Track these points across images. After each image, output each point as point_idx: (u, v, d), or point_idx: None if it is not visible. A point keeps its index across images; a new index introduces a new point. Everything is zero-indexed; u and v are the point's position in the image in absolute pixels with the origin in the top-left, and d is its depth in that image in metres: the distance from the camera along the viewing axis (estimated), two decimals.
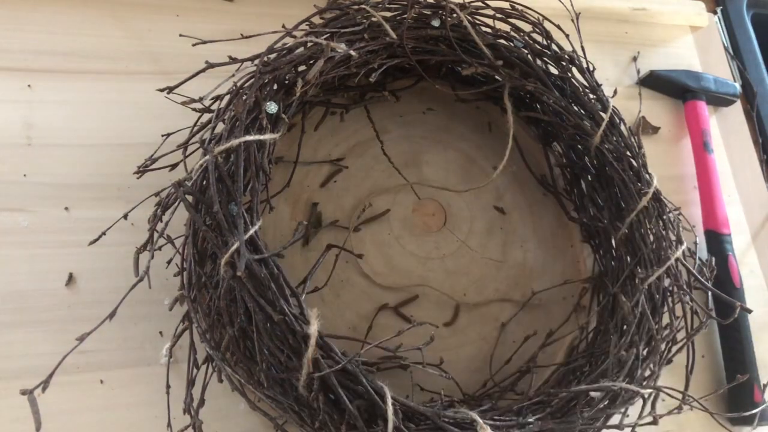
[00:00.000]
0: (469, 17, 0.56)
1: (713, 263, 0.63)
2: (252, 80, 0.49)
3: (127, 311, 0.47)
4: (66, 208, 0.51)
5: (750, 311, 0.57)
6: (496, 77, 0.58)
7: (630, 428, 0.50)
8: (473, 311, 0.58)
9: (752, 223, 0.72)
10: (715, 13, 0.83)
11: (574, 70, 0.60)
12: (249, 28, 0.54)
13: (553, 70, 0.60)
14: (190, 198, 0.45)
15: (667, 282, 0.53)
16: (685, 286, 0.54)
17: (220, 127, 0.48)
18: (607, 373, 0.49)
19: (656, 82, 0.74)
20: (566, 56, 0.59)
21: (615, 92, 0.63)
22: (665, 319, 0.53)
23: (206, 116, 0.51)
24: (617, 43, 0.76)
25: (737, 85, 0.77)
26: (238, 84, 0.50)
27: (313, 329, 0.40)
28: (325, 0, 0.63)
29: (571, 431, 0.47)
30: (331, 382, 0.40)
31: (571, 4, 0.62)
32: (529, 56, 0.58)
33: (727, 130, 0.76)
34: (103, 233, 0.48)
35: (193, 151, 0.50)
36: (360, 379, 0.41)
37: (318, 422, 0.42)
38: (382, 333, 0.54)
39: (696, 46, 0.80)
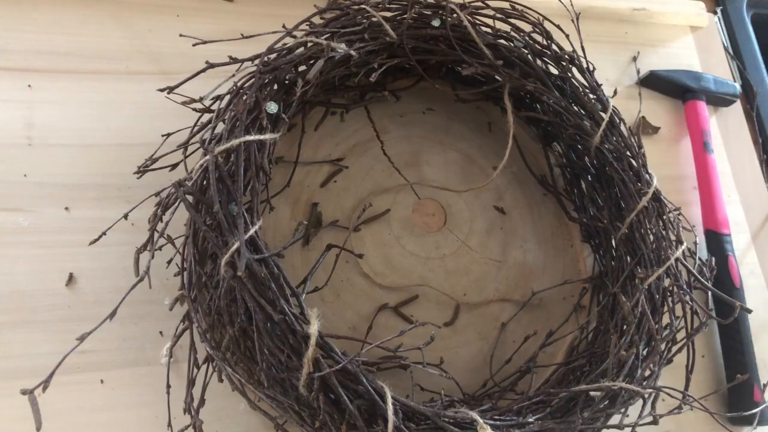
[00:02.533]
0: (469, 17, 0.56)
1: (713, 263, 0.63)
2: (252, 80, 0.49)
3: (127, 311, 0.47)
4: (66, 208, 0.51)
5: (750, 311, 0.57)
6: (496, 77, 0.58)
7: (630, 428, 0.50)
8: (473, 311, 0.58)
9: (752, 223, 0.72)
10: (715, 13, 0.83)
11: (574, 70, 0.60)
12: (249, 28, 0.54)
13: (553, 70, 0.60)
14: (190, 198, 0.45)
15: (667, 282, 0.53)
16: (685, 286, 0.54)
17: (221, 127, 0.48)
18: (607, 373, 0.49)
19: (656, 82, 0.74)
20: (566, 56, 0.59)
21: (615, 92, 0.63)
22: (665, 319, 0.53)
23: (206, 116, 0.51)
24: (617, 43, 0.76)
25: (737, 85, 0.77)
26: (238, 84, 0.50)
27: (314, 329, 0.40)
28: (325, 0, 0.63)
29: (571, 431, 0.47)
30: (332, 381, 0.40)
31: (571, 4, 0.62)
32: (529, 56, 0.58)
33: (727, 130, 0.76)
34: (104, 233, 0.48)
35: (194, 151, 0.50)
36: (360, 379, 0.41)
37: (318, 422, 0.42)
38: (382, 333, 0.54)
39: (696, 46, 0.80)
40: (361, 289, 0.56)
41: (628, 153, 0.57)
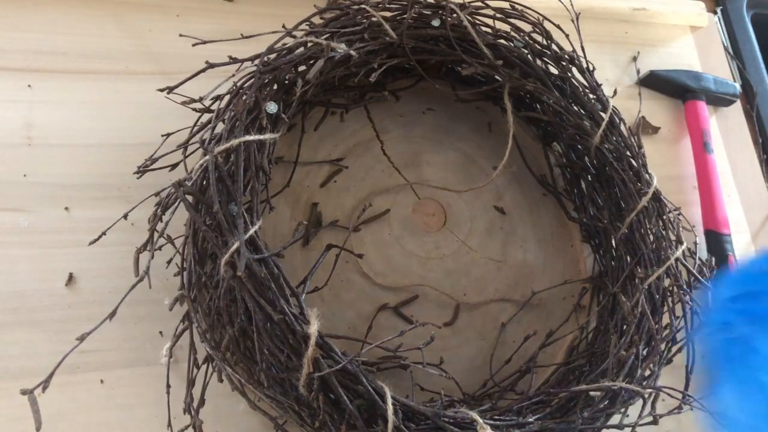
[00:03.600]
0: (469, 17, 0.56)
1: (713, 263, 0.63)
2: (252, 80, 0.49)
3: (127, 311, 0.47)
4: (66, 208, 0.51)
5: None
6: (496, 77, 0.58)
7: (630, 428, 0.50)
8: (473, 311, 0.58)
9: (752, 223, 0.72)
10: (715, 13, 0.83)
11: (574, 70, 0.60)
12: (249, 28, 0.54)
13: (553, 70, 0.60)
14: (190, 198, 0.45)
15: (667, 282, 0.53)
16: (685, 286, 0.54)
17: (220, 127, 0.48)
18: (607, 373, 0.49)
19: (656, 82, 0.74)
20: (566, 56, 0.59)
21: (615, 92, 0.63)
22: (665, 319, 0.53)
23: (206, 116, 0.51)
24: (617, 43, 0.76)
25: (737, 85, 0.77)
26: (238, 84, 0.50)
27: (313, 329, 0.40)
28: (325, 0, 0.63)
29: (571, 431, 0.47)
30: (331, 381, 0.40)
31: (571, 4, 0.62)
32: (529, 56, 0.58)
33: (727, 130, 0.76)
34: (103, 233, 0.48)
35: (193, 151, 0.50)
36: (360, 379, 0.41)
37: (318, 422, 0.42)
38: (382, 333, 0.54)
39: (696, 46, 0.80)
40: (361, 289, 0.56)
41: (628, 153, 0.57)
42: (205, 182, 0.45)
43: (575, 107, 0.58)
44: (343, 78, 0.56)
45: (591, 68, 0.60)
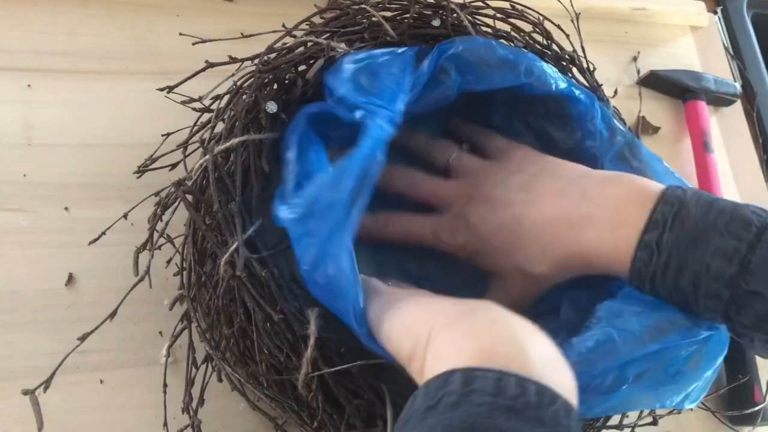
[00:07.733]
0: (469, 17, 0.56)
1: None
2: (252, 80, 0.49)
3: (127, 311, 0.47)
4: (66, 208, 0.51)
5: None
6: None
7: (630, 428, 0.50)
8: None
9: None
10: (715, 13, 0.83)
11: (575, 70, 0.60)
12: (249, 28, 0.54)
13: None
14: (190, 197, 0.45)
15: None
16: None
17: (220, 126, 0.48)
18: None
19: (656, 82, 0.74)
20: (566, 56, 0.59)
21: (615, 92, 0.63)
22: None
23: (206, 116, 0.51)
24: (617, 43, 0.76)
25: (737, 85, 0.77)
26: (238, 83, 0.50)
27: (313, 329, 0.40)
28: (326, 0, 0.63)
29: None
30: (330, 382, 0.40)
31: (571, 4, 0.62)
32: None
33: (727, 130, 0.76)
34: (103, 233, 0.48)
35: (193, 151, 0.50)
36: (359, 380, 0.41)
37: (317, 422, 0.42)
38: None
39: (696, 46, 0.80)
40: None
41: None
42: (204, 182, 0.45)
43: None
44: None
45: (591, 68, 0.60)
